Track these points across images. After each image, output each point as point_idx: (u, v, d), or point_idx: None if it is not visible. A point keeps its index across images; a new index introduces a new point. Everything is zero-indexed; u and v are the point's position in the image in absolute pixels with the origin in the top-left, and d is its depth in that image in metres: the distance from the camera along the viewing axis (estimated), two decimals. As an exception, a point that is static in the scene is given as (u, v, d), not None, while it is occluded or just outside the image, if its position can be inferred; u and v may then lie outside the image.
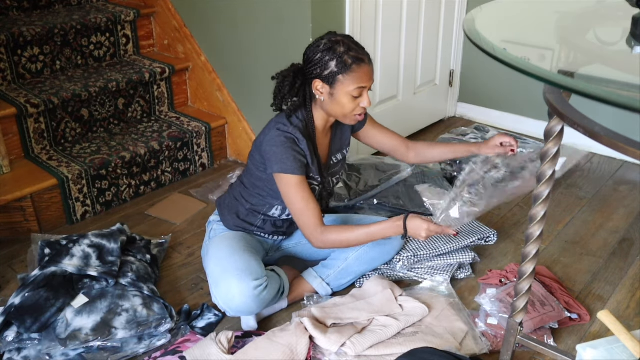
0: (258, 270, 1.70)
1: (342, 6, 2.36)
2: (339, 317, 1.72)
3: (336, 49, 1.62)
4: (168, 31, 2.87)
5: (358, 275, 1.91)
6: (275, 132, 1.69)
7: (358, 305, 1.77)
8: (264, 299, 1.68)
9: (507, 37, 1.19)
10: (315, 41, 1.67)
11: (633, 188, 2.56)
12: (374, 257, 1.89)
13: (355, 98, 1.66)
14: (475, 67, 3.14)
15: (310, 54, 1.66)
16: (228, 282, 1.67)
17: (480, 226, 2.13)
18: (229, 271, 1.68)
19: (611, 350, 1.33)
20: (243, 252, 1.75)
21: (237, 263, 1.70)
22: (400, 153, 1.98)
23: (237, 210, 1.86)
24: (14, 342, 1.66)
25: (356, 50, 1.64)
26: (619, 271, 2.03)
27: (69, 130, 2.49)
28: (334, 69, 1.62)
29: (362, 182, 2.28)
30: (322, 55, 1.63)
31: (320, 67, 1.63)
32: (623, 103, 0.86)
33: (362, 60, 1.63)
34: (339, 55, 1.61)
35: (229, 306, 1.68)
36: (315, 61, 1.64)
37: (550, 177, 1.26)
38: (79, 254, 1.86)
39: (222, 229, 1.87)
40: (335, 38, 1.65)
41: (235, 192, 1.88)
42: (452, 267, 1.97)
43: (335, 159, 1.88)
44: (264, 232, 1.89)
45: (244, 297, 1.65)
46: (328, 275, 1.88)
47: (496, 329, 1.72)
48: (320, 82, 1.65)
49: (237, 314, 1.73)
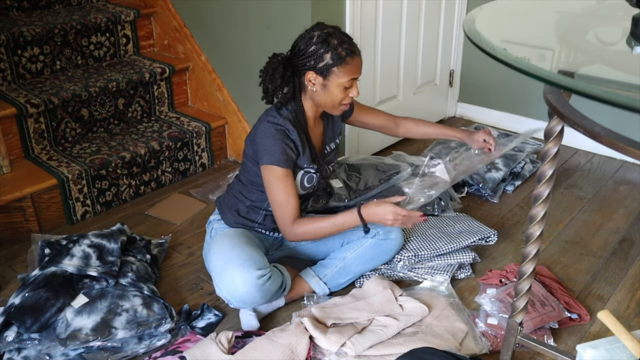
0: (261, 260, 1.72)
1: (342, 6, 2.36)
2: (339, 317, 1.72)
3: (330, 42, 1.66)
4: (168, 31, 2.87)
5: (356, 275, 1.91)
6: (266, 125, 1.73)
7: (358, 305, 1.77)
8: (267, 289, 1.69)
9: (507, 37, 1.19)
10: (306, 33, 1.70)
11: (633, 188, 2.56)
12: (372, 256, 1.89)
13: (346, 89, 1.71)
14: (475, 67, 3.14)
15: (302, 46, 1.69)
16: (231, 272, 1.67)
17: (481, 226, 2.13)
18: (232, 261, 1.69)
19: (611, 350, 1.33)
20: (245, 245, 1.76)
21: (240, 254, 1.71)
22: (390, 129, 2.11)
23: (237, 208, 1.87)
24: (14, 342, 1.66)
25: (349, 43, 1.69)
26: (619, 271, 2.03)
27: (69, 130, 2.49)
28: (329, 61, 1.66)
29: (362, 182, 2.28)
30: (316, 48, 1.66)
31: (315, 59, 1.67)
32: (623, 103, 0.86)
33: (355, 52, 1.70)
34: (333, 48, 1.66)
35: (232, 296, 1.69)
36: (309, 53, 1.67)
37: (550, 177, 1.25)
38: (79, 254, 1.86)
39: (223, 226, 1.88)
40: (327, 30, 1.69)
41: (234, 190, 1.89)
42: (452, 267, 1.97)
43: (329, 148, 1.92)
44: (265, 228, 1.89)
45: (248, 286, 1.66)
46: (325, 275, 1.88)
47: (496, 329, 1.72)
48: (314, 74, 1.69)
49: (241, 305, 1.73)
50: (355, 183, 2.28)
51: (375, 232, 1.88)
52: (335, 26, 1.72)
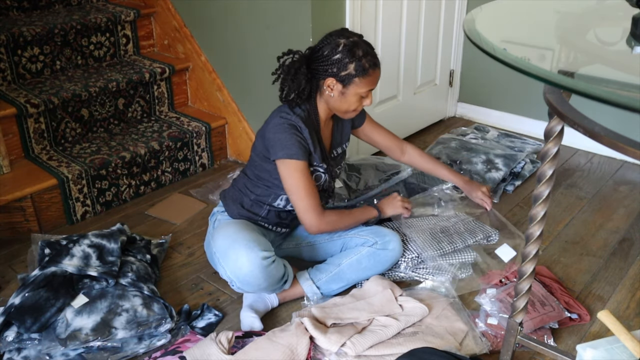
0: (267, 244, 1.73)
1: (342, 6, 2.36)
2: (339, 317, 1.72)
3: (355, 52, 1.69)
4: (168, 31, 2.87)
5: (350, 282, 1.88)
6: (279, 120, 1.75)
7: (358, 305, 1.77)
8: (271, 272, 1.69)
9: (507, 37, 1.19)
10: (331, 38, 1.71)
11: (633, 188, 2.56)
12: (368, 266, 1.86)
13: (361, 98, 1.75)
14: (475, 67, 3.14)
15: (327, 52, 1.70)
16: (237, 251, 1.68)
17: (482, 225, 2.13)
18: (238, 241, 1.70)
19: (611, 350, 1.33)
20: (251, 230, 1.77)
21: (246, 235, 1.72)
22: (394, 153, 2.16)
23: (242, 201, 1.88)
24: (14, 342, 1.66)
25: (372, 55, 1.72)
26: (619, 271, 2.03)
27: (69, 130, 2.49)
28: (352, 72, 1.69)
29: (362, 182, 2.28)
30: (341, 57, 1.69)
31: (338, 67, 1.70)
32: (623, 103, 0.86)
33: (377, 65, 1.73)
34: (358, 59, 1.69)
35: (236, 275, 1.69)
36: (334, 60, 1.69)
37: (550, 177, 1.25)
38: (79, 254, 1.86)
39: (227, 218, 1.89)
40: (353, 39, 1.70)
41: (240, 184, 1.91)
42: (454, 267, 1.97)
43: (336, 152, 1.94)
44: (268, 222, 1.90)
45: (253, 265, 1.66)
46: (320, 279, 1.86)
47: (496, 329, 1.72)
48: (334, 80, 1.72)
49: (244, 287, 1.72)
50: (355, 183, 2.28)
51: (373, 242, 1.86)
52: (359, 34, 1.75)
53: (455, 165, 2.55)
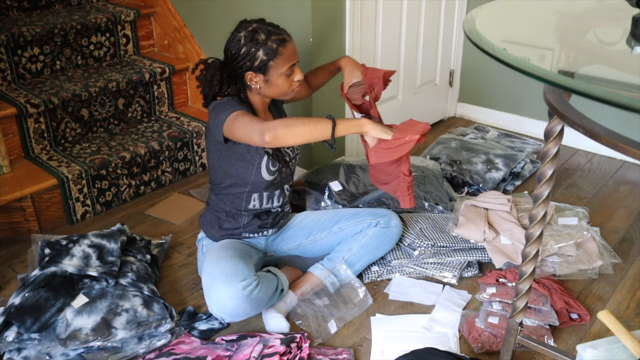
0: (245, 271, 1.71)
1: (342, 6, 2.36)
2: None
3: (258, 38, 1.68)
4: (168, 31, 2.87)
5: (364, 265, 1.95)
6: (216, 101, 1.75)
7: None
8: (256, 298, 1.68)
9: (507, 37, 1.19)
10: (232, 36, 1.73)
11: (633, 188, 2.56)
12: (377, 245, 1.93)
13: (288, 76, 1.74)
14: (475, 67, 3.14)
15: (233, 50, 1.71)
16: (216, 289, 1.68)
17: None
18: (216, 278, 1.70)
19: (611, 350, 1.33)
20: (230, 258, 1.76)
21: (223, 269, 1.71)
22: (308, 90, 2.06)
23: (219, 222, 1.90)
24: (14, 342, 1.66)
25: (276, 33, 1.71)
26: (619, 271, 2.03)
27: (69, 130, 2.49)
28: (263, 58, 1.69)
29: (361, 183, 2.28)
30: (247, 49, 1.69)
31: (249, 60, 1.70)
32: (623, 103, 0.86)
33: (285, 40, 1.71)
34: (262, 44, 1.68)
35: (223, 312, 1.69)
36: (242, 55, 1.70)
37: (550, 177, 1.25)
38: (79, 254, 1.86)
39: (210, 242, 1.91)
40: (251, 26, 1.70)
41: (211, 203, 1.93)
42: (461, 264, 1.98)
43: None
44: (251, 231, 1.91)
45: (234, 299, 1.65)
46: (334, 267, 1.91)
47: (496, 329, 1.72)
48: (253, 73, 1.72)
49: (234, 319, 1.73)
50: (354, 184, 2.28)
51: (376, 222, 1.93)
52: (258, 19, 1.74)
53: (455, 165, 2.55)
